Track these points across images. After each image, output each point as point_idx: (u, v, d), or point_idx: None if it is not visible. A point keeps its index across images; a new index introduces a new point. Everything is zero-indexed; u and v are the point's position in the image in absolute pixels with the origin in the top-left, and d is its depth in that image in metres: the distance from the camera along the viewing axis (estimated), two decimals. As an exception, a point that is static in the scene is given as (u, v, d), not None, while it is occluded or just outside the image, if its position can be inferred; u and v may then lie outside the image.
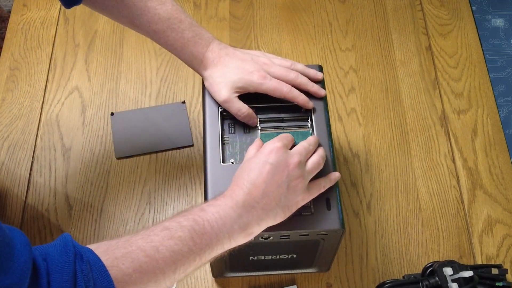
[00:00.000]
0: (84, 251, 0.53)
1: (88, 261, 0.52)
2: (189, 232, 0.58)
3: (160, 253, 0.56)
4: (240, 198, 0.62)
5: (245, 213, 0.62)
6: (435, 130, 0.98)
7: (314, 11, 1.12)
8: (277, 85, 0.73)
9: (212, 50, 0.76)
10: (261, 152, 0.65)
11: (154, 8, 0.74)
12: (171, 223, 0.59)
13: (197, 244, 0.59)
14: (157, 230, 0.58)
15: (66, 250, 0.52)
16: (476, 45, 1.07)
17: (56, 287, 0.50)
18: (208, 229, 0.59)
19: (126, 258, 0.55)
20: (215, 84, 0.75)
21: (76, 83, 1.03)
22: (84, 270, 0.51)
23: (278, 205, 0.63)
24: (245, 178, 0.63)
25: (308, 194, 0.66)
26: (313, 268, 0.81)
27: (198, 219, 0.60)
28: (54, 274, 0.50)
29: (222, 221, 0.60)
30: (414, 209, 0.90)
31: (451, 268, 0.76)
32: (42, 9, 1.11)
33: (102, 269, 0.53)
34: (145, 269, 0.56)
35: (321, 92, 0.75)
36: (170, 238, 0.57)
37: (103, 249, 0.55)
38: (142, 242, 0.56)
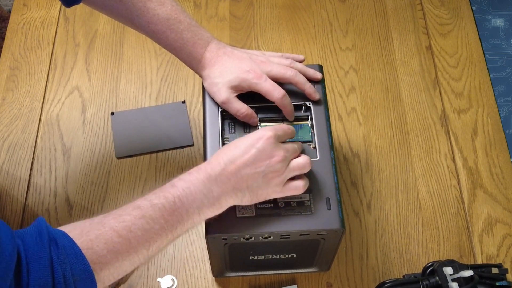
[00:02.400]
0: (59, 236, 0.54)
1: (63, 246, 0.53)
2: (159, 211, 0.59)
3: (133, 232, 0.58)
4: (214, 172, 0.62)
5: (215, 188, 0.62)
6: (435, 129, 0.98)
7: (314, 11, 1.12)
8: (270, 88, 0.73)
9: (211, 50, 0.76)
10: (251, 135, 0.65)
11: (153, 8, 0.74)
12: (143, 202, 0.60)
13: (168, 222, 0.60)
14: (129, 209, 0.59)
15: (41, 238, 0.53)
16: (476, 44, 1.07)
17: (35, 276, 0.51)
18: (179, 205, 0.60)
19: (100, 239, 0.56)
20: (213, 85, 0.75)
21: (76, 82, 1.03)
22: (60, 257, 0.52)
23: (248, 189, 0.64)
24: (227, 154, 0.63)
25: (281, 191, 0.66)
26: (313, 267, 0.81)
27: (169, 196, 0.60)
28: (32, 263, 0.51)
29: (193, 196, 0.61)
30: (414, 209, 0.90)
31: (451, 267, 0.76)
32: (42, 8, 1.11)
33: (77, 252, 0.54)
34: (119, 249, 0.57)
35: (315, 96, 0.75)
36: (141, 217, 0.58)
37: (78, 231, 0.56)
38: (115, 222, 0.57)
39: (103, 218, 0.58)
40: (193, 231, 0.88)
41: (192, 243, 0.87)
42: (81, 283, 0.54)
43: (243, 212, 0.67)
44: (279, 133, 0.66)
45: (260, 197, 0.66)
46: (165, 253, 0.86)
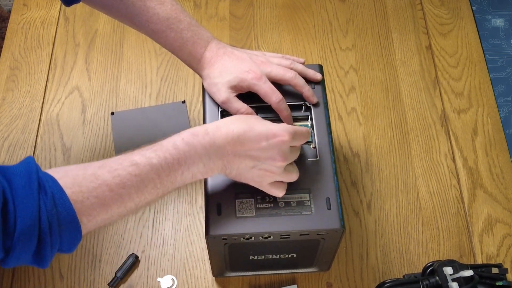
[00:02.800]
0: (48, 183, 0.53)
1: (52, 195, 0.53)
2: (157, 171, 0.59)
3: (126, 189, 0.57)
4: (219, 142, 0.62)
5: (214, 156, 0.62)
6: (435, 129, 0.98)
7: (314, 11, 1.12)
8: (269, 91, 0.73)
9: (210, 50, 0.76)
10: (270, 127, 0.65)
11: (153, 8, 0.74)
12: (141, 158, 0.59)
13: (162, 181, 0.60)
14: (126, 164, 0.58)
15: (30, 183, 0.52)
16: (476, 44, 1.07)
17: (22, 222, 0.51)
18: (176, 167, 0.60)
19: (91, 193, 0.55)
20: (213, 85, 0.75)
21: (76, 82, 1.03)
22: (47, 205, 0.52)
23: (238, 169, 0.64)
24: (238, 130, 0.63)
25: (262, 187, 0.67)
26: (313, 267, 0.81)
27: (169, 157, 0.60)
28: (20, 210, 0.51)
29: (192, 161, 0.61)
30: (414, 209, 0.90)
31: (452, 267, 0.76)
32: (42, 8, 1.11)
33: (66, 203, 0.53)
34: (109, 204, 0.57)
35: (313, 99, 0.75)
36: (136, 175, 0.58)
37: (70, 180, 0.55)
38: (109, 176, 0.57)
39: (97, 169, 0.57)
40: (193, 231, 0.88)
41: (192, 243, 0.87)
42: (67, 232, 0.54)
43: (243, 212, 0.67)
44: (296, 137, 0.66)
45: (243, 179, 0.67)
46: (165, 253, 0.86)
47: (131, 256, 0.85)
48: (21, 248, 0.51)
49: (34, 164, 0.54)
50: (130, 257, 0.84)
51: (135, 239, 0.87)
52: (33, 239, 0.52)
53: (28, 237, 0.51)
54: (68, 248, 0.56)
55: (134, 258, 0.84)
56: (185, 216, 0.89)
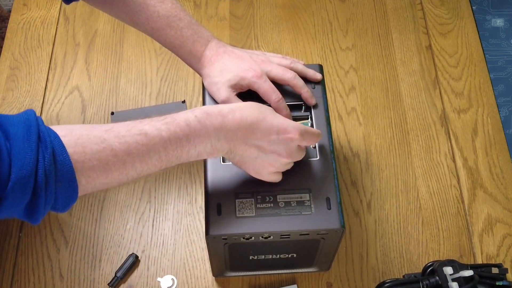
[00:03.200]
0: (50, 138, 0.52)
1: (53, 150, 0.52)
2: (165, 144, 0.58)
3: (130, 157, 0.56)
4: (230, 125, 0.62)
5: (222, 139, 0.62)
6: (435, 129, 0.98)
7: (314, 11, 1.12)
8: (269, 90, 0.73)
9: (211, 49, 0.76)
10: (283, 122, 0.65)
11: (153, 5, 0.74)
12: (151, 128, 0.58)
13: (168, 155, 0.59)
14: (134, 131, 0.57)
15: (30, 133, 0.51)
16: (476, 44, 1.07)
17: (17, 174, 0.49)
18: (184, 144, 0.60)
19: (94, 155, 0.54)
20: (213, 84, 0.75)
21: (76, 82, 1.03)
22: (46, 159, 0.51)
23: (241, 156, 0.64)
24: (251, 117, 0.63)
25: (261, 177, 0.67)
26: (313, 267, 0.81)
27: (179, 132, 0.59)
28: (16, 157, 0.50)
29: (200, 139, 0.61)
30: (414, 209, 0.90)
31: (451, 267, 0.76)
32: (42, 8, 1.11)
33: (66, 161, 0.52)
34: (111, 169, 0.56)
35: (312, 101, 0.75)
36: (144, 145, 0.57)
37: (74, 139, 0.54)
38: (115, 141, 0.56)
39: (104, 132, 0.56)
40: (193, 231, 0.88)
41: (192, 243, 0.87)
42: (63, 190, 0.53)
43: (243, 212, 0.67)
44: (306, 137, 0.66)
45: (242, 167, 0.67)
46: (165, 253, 0.86)
47: (131, 256, 0.85)
48: (14, 198, 0.50)
49: (35, 117, 0.53)
50: (130, 257, 0.84)
51: (135, 239, 0.87)
52: (27, 191, 0.50)
53: (22, 188, 0.50)
54: (62, 206, 0.54)
55: (134, 258, 0.84)
56: (185, 216, 0.89)
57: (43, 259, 0.85)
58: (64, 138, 0.53)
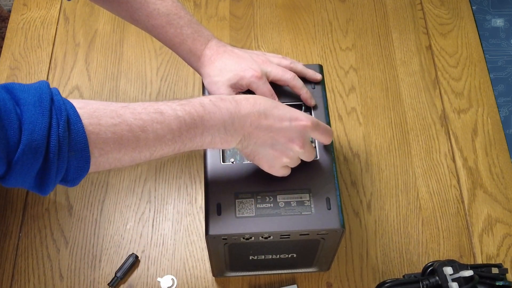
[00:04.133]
0: (66, 106, 0.52)
1: (67, 118, 0.52)
2: (179, 123, 0.59)
3: (145, 133, 0.57)
4: (244, 111, 0.62)
5: (237, 123, 0.62)
6: (435, 129, 0.98)
7: (314, 11, 1.12)
8: (266, 92, 0.73)
9: (211, 48, 0.76)
10: (295, 111, 0.65)
11: (153, 3, 0.74)
12: (166, 108, 0.59)
13: (182, 135, 0.59)
14: (150, 109, 0.58)
15: (41, 100, 0.51)
16: (476, 44, 1.07)
17: (28, 136, 0.49)
18: (199, 124, 0.60)
19: (109, 128, 0.54)
20: (213, 83, 0.75)
21: (77, 82, 1.03)
22: (60, 127, 0.51)
23: (255, 145, 0.64)
24: (265, 105, 0.63)
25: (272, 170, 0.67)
26: (313, 267, 0.81)
27: (194, 113, 0.60)
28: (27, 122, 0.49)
29: (214, 122, 0.61)
30: (414, 209, 0.90)
31: (451, 267, 0.76)
32: (42, 8, 1.11)
33: (80, 130, 0.52)
34: (124, 144, 0.56)
35: (311, 102, 0.75)
36: (159, 122, 0.57)
37: (89, 111, 0.54)
38: (131, 116, 0.56)
39: (120, 108, 0.56)
40: (193, 231, 0.88)
41: (192, 243, 0.87)
42: (75, 160, 0.53)
43: (243, 212, 0.67)
44: (318, 129, 0.67)
45: (256, 159, 0.66)
46: (165, 253, 0.86)
47: (131, 256, 0.85)
48: (25, 163, 0.50)
49: (47, 86, 0.53)
50: (130, 257, 0.84)
51: (135, 239, 0.87)
52: (39, 157, 0.50)
53: (33, 153, 0.49)
54: (73, 178, 0.54)
55: (134, 258, 0.84)
56: (185, 216, 0.89)
57: (43, 259, 0.85)
58: (80, 110, 0.53)
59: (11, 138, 0.49)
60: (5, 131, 0.48)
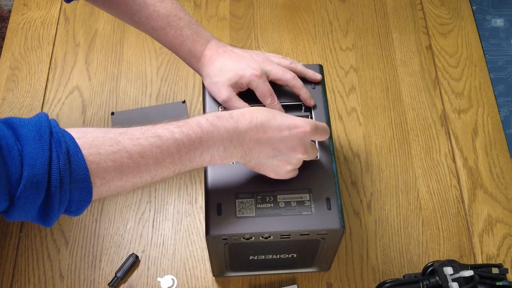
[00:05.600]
0: (65, 138, 0.52)
1: (67, 149, 0.52)
2: (178, 146, 0.59)
3: (144, 159, 0.57)
4: (242, 127, 0.62)
5: (236, 141, 0.62)
6: (436, 129, 0.98)
7: (315, 11, 1.12)
8: (266, 91, 0.73)
9: (210, 48, 0.76)
10: (292, 118, 0.65)
11: (153, 5, 0.74)
12: (164, 131, 0.59)
13: (181, 157, 0.59)
14: (148, 134, 0.58)
15: (41, 134, 0.51)
16: (476, 44, 1.07)
17: (29, 170, 0.49)
18: (197, 146, 0.60)
19: (109, 156, 0.54)
20: (213, 84, 0.75)
21: (77, 82, 1.03)
22: (61, 159, 0.51)
23: (257, 158, 0.65)
24: (261, 118, 0.63)
25: (279, 176, 0.67)
26: (314, 267, 0.81)
27: (192, 134, 0.60)
28: (27, 156, 0.49)
29: (213, 142, 0.61)
30: (415, 209, 0.90)
31: (452, 267, 0.76)
32: (42, 8, 1.11)
33: (81, 161, 0.52)
34: (125, 171, 0.56)
35: (311, 102, 0.75)
36: (158, 147, 0.58)
37: (88, 140, 0.54)
38: (130, 143, 0.56)
39: (118, 135, 0.56)
40: (193, 231, 0.88)
41: (192, 243, 0.87)
42: (77, 191, 0.53)
43: (243, 212, 0.67)
44: (318, 131, 0.67)
45: (262, 170, 0.67)
46: (165, 253, 0.86)
47: (131, 256, 0.85)
48: (27, 198, 0.50)
49: (46, 118, 0.53)
50: (130, 257, 0.84)
51: (135, 239, 0.87)
52: (41, 191, 0.50)
53: (35, 187, 0.50)
54: (76, 208, 0.54)
55: (134, 258, 0.84)
56: (185, 216, 0.89)
57: (43, 259, 0.85)
58: (79, 140, 0.53)
59: (13, 174, 0.49)
60: (7, 168, 0.49)
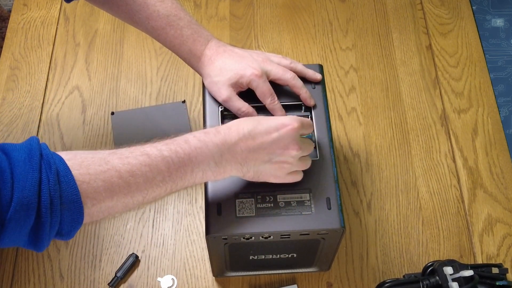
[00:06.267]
0: (54, 160, 0.52)
1: (57, 171, 0.52)
2: (167, 163, 0.59)
3: (134, 177, 0.57)
4: (231, 140, 0.62)
5: (227, 155, 0.62)
6: (436, 129, 0.98)
7: (315, 11, 1.12)
8: (266, 91, 0.73)
9: (211, 48, 0.76)
10: (277, 119, 0.66)
11: (153, 5, 0.74)
12: (152, 150, 0.59)
13: (171, 175, 0.59)
14: (137, 153, 0.58)
15: (31, 156, 0.51)
16: (476, 44, 1.07)
17: (19, 194, 0.49)
18: (187, 162, 0.60)
19: (99, 176, 0.54)
20: (213, 83, 0.75)
21: (77, 82, 1.03)
22: (51, 180, 0.51)
23: (254, 166, 0.64)
24: (248, 126, 0.64)
25: (281, 179, 0.67)
26: (314, 267, 0.81)
27: (180, 151, 0.60)
28: (18, 180, 0.49)
29: (202, 157, 0.61)
30: (415, 209, 0.90)
31: (452, 267, 0.76)
32: (42, 8, 1.11)
33: (71, 182, 0.52)
34: (116, 190, 0.56)
35: (311, 102, 0.75)
36: (147, 165, 0.58)
37: (78, 161, 0.54)
38: (119, 162, 0.56)
39: (107, 155, 0.56)
40: (193, 231, 0.88)
41: (192, 243, 0.87)
42: (68, 212, 0.52)
43: (243, 212, 0.67)
44: (304, 125, 0.67)
45: (262, 178, 0.66)
46: (165, 252, 0.86)
47: (131, 256, 0.85)
48: (18, 221, 0.49)
49: (37, 142, 0.53)
50: (130, 257, 0.84)
51: (135, 239, 0.87)
52: (32, 212, 0.50)
53: (25, 210, 0.49)
54: (67, 231, 0.53)
55: (134, 258, 0.84)
56: (185, 216, 0.89)
57: (43, 259, 0.85)
58: (68, 162, 0.53)
59: (4, 197, 0.48)
60: None
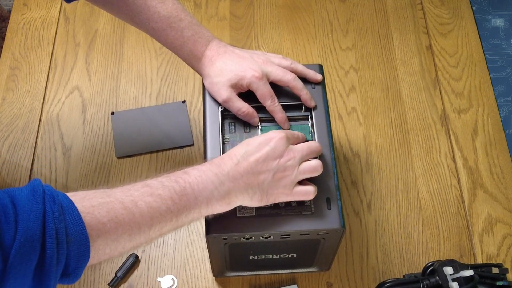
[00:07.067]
0: (57, 194, 0.52)
1: (60, 204, 0.51)
2: (169, 192, 0.59)
3: (138, 207, 0.57)
4: (227, 167, 0.63)
5: (227, 182, 0.62)
6: (436, 129, 0.98)
7: (315, 10, 1.12)
8: (266, 93, 0.73)
9: (211, 49, 0.76)
10: (264, 135, 0.66)
11: (154, 6, 0.74)
12: (153, 182, 0.60)
13: (175, 204, 0.59)
14: (138, 186, 0.59)
15: (34, 192, 0.51)
16: (476, 44, 1.07)
17: (23, 226, 0.48)
18: (189, 191, 0.60)
19: (102, 207, 0.54)
20: (214, 84, 0.75)
21: (77, 82, 1.03)
22: (55, 212, 0.50)
23: (259, 187, 0.64)
24: (239, 151, 0.64)
25: (291, 194, 0.66)
26: (314, 267, 0.81)
27: (180, 180, 0.60)
28: (21, 213, 0.48)
29: (203, 185, 0.61)
30: (415, 209, 0.90)
31: (452, 267, 0.76)
32: (42, 8, 1.11)
33: (75, 214, 0.52)
34: (121, 221, 0.55)
35: (311, 103, 0.75)
36: (150, 195, 0.58)
37: (80, 196, 0.54)
38: (121, 194, 0.57)
39: (109, 190, 0.57)
40: (193, 231, 0.88)
41: (192, 243, 0.87)
42: (75, 245, 0.51)
43: (244, 212, 0.67)
44: (289, 136, 0.67)
45: (270, 197, 0.65)
46: (165, 252, 0.86)
47: (131, 256, 0.85)
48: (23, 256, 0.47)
49: (40, 181, 0.53)
50: (130, 257, 0.84)
51: (135, 239, 0.87)
52: (36, 246, 0.48)
53: (30, 242, 0.48)
54: (74, 267, 0.52)
55: (134, 258, 0.84)
56: (185, 216, 0.89)
57: (43, 259, 0.85)
58: (71, 197, 0.53)
59: (7, 232, 0.47)
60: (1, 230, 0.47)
